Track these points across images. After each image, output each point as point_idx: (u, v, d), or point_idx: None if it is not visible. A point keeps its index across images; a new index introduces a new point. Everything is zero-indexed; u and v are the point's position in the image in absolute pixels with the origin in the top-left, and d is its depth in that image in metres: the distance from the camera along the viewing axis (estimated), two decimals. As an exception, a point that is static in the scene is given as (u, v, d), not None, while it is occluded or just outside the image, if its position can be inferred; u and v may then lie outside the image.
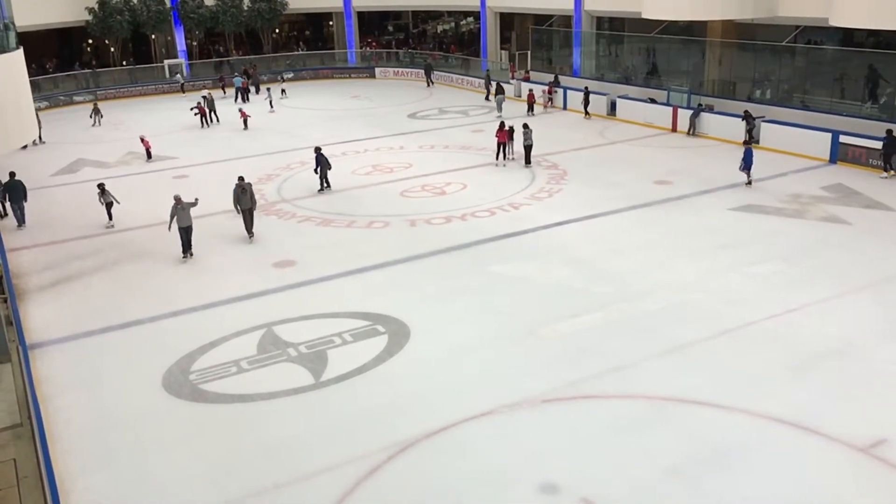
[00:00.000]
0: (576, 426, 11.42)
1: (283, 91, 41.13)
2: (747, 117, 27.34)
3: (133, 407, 12.54)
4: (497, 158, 26.41)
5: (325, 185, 24.25)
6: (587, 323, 14.63)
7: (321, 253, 18.92)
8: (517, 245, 18.99)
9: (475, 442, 11.12)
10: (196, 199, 19.08)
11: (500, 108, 35.20)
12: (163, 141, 31.82)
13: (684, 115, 30.12)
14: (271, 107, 38.86)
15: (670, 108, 31.07)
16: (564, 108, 36.16)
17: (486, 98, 38.93)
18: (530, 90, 35.77)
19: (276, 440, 11.43)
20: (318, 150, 24.19)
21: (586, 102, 33.76)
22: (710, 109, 30.12)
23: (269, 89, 40.41)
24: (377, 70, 49.27)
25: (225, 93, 42.70)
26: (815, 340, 13.53)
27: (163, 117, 32.99)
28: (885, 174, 23.14)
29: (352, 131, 33.11)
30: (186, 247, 18.63)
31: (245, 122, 34.20)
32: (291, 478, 10.51)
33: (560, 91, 36.46)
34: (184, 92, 44.31)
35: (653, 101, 32.71)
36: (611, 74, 39.10)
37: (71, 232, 21.46)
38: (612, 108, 33.82)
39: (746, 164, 22.63)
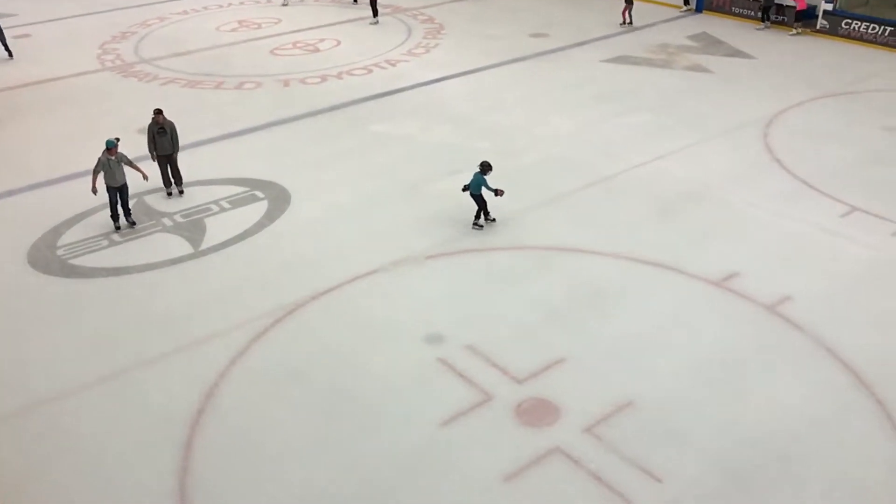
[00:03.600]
0: (459, 279, 11.83)
1: None
2: None
3: (-2, 287, 11.91)
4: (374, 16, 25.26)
5: None
6: (468, 179, 14.82)
7: (189, 117, 17.91)
8: (396, 103, 18.68)
9: (362, 300, 11.36)
10: (146, 176, 13.48)
11: None
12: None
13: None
14: None
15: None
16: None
17: None
18: None
19: (158, 311, 11.22)
20: None
21: None
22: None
23: None
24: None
25: None
26: (678, 185, 14.37)
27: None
28: (761, 25, 23.82)
29: (212, -17, 30.66)
30: (118, 213, 13.19)
31: None
32: (178, 346, 10.45)
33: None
34: None
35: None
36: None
37: None
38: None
39: None
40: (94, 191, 12.95)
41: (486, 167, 12.73)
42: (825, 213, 13.33)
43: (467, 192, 12.92)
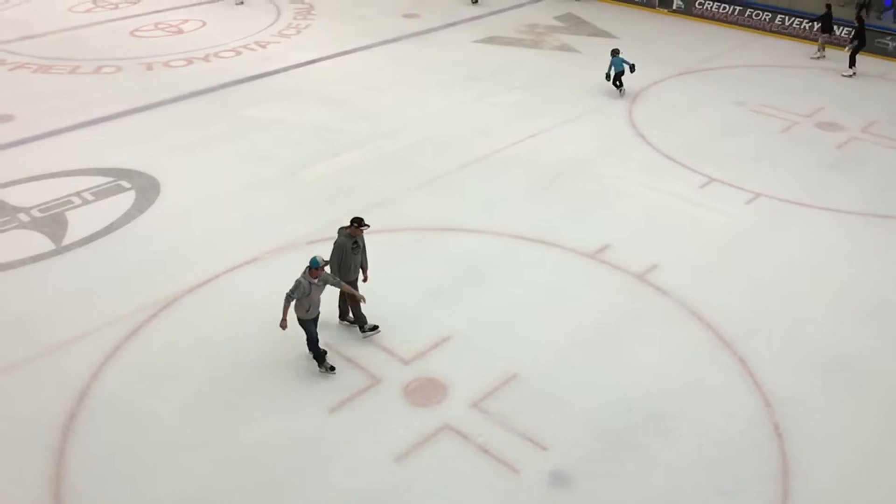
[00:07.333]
0: (341, 263, 11.71)
1: None
2: None
3: None
4: None
5: None
6: (346, 162, 14.71)
7: (44, 104, 16.78)
8: (268, 86, 18.20)
9: (242, 290, 11.05)
10: (363, 298, 9.91)
11: None
12: None
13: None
14: None
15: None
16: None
17: None
18: None
19: (19, 313, 10.50)
20: None
21: None
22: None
23: None
24: None
25: None
26: (551, 163, 14.82)
27: None
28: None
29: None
30: (321, 352, 9.45)
31: None
32: (44, 349, 9.83)
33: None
34: None
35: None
36: None
37: None
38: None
39: None
40: (285, 325, 9.11)
41: (617, 50, 17.37)
42: (686, 184, 14.13)
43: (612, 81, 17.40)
